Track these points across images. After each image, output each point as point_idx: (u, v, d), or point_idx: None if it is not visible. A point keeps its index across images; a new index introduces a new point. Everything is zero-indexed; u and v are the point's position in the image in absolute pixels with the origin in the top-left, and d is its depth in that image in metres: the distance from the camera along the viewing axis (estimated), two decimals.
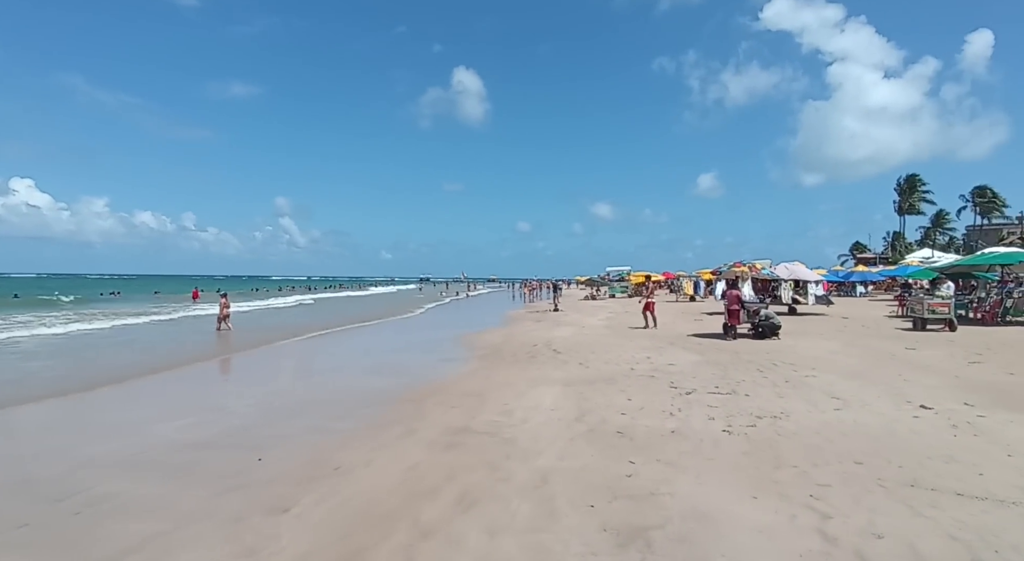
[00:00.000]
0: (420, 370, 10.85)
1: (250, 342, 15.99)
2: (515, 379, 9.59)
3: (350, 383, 9.57)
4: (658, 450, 5.44)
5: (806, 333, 15.81)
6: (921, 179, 73.24)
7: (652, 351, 12.64)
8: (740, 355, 11.72)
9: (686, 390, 8.23)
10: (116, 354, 13.73)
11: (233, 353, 14.37)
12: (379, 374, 10.48)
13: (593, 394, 8.14)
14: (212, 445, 5.95)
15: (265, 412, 7.48)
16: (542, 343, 14.70)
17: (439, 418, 6.93)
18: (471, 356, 12.79)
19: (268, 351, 14.21)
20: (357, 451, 5.62)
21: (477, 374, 10.23)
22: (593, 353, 12.58)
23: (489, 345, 14.72)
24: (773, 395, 7.80)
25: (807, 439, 5.67)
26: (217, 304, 19.22)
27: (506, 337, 16.65)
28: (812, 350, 12.37)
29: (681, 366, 10.48)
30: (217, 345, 15.85)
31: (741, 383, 8.70)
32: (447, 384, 9.30)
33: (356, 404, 7.88)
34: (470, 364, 11.56)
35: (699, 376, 9.41)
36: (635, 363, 10.98)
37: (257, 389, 9.33)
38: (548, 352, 13.01)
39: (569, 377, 9.66)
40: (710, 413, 6.83)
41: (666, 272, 50.64)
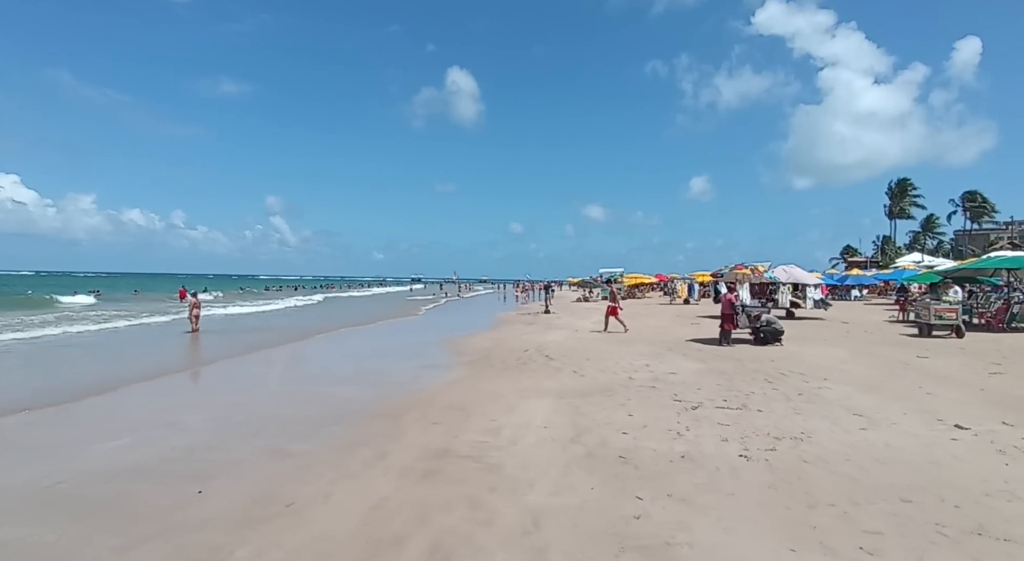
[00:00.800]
0: (401, 379, 10.02)
1: (226, 348, 15.08)
2: (504, 389, 8.78)
3: (323, 394, 8.71)
4: (669, 481, 4.66)
5: (809, 339, 15.14)
6: (912, 183, 73.35)
7: (651, 358, 11.88)
8: (744, 363, 11.00)
9: (692, 404, 7.46)
10: (72, 362, 12.77)
11: (204, 360, 13.46)
12: (356, 383, 9.62)
13: (590, 408, 7.36)
14: (147, 472, 5.09)
15: (220, 430, 6.61)
16: (534, 348, 13.91)
17: (416, 438, 6.11)
18: (457, 362, 11.97)
19: (242, 358, 13.29)
20: (316, 481, 4.78)
21: (463, 383, 9.41)
22: (588, 360, 11.81)
23: (477, 350, 13.91)
24: (788, 410, 7.06)
25: (838, 467, 4.92)
26: (188, 305, 18.26)
27: (496, 341, 15.84)
28: (819, 358, 11.67)
29: (683, 375, 9.73)
30: (189, 351, 14.92)
31: (751, 396, 7.95)
32: (429, 395, 8.47)
33: (325, 420, 7.04)
34: (456, 372, 10.73)
35: (704, 387, 8.66)
36: (633, 371, 10.22)
37: (219, 401, 8.45)
38: (540, 358, 12.22)
39: (563, 387, 8.88)
40: (722, 433, 6.07)
41: (659, 274, 50.09)
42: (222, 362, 12.38)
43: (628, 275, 46.21)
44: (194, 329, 17.61)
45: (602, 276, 47.91)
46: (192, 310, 17.78)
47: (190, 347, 15.20)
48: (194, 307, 17.80)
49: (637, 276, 46.66)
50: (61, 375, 10.75)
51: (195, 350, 14.80)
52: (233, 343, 15.98)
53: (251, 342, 16.00)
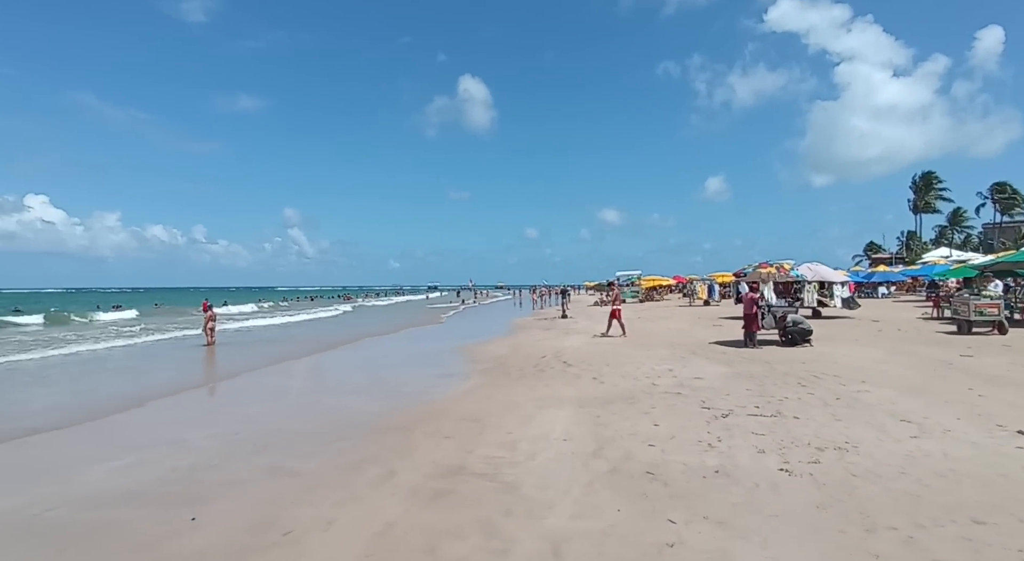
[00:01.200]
0: (415, 388, 9.67)
1: (241, 361, 14.93)
2: (521, 399, 8.38)
3: (333, 407, 8.40)
4: (703, 500, 4.21)
5: (839, 339, 14.46)
6: (937, 176, 71.41)
7: (673, 362, 11.38)
8: (774, 366, 10.44)
9: (721, 412, 6.98)
10: (88, 379, 12.68)
11: (218, 374, 13.30)
12: (369, 394, 9.29)
13: (612, 418, 6.91)
14: (142, 496, 4.78)
15: (225, 447, 6.31)
16: (551, 354, 13.48)
17: (428, 453, 5.73)
18: (473, 370, 11.59)
19: (257, 371, 13.08)
20: (318, 505, 4.43)
21: (478, 393, 9.03)
22: (608, 365, 11.35)
23: (493, 357, 13.52)
24: (827, 417, 6.54)
25: (893, 482, 4.42)
26: (204, 318, 18.17)
27: (512, 347, 15.44)
28: (853, 359, 11.05)
29: (709, 380, 9.22)
30: (204, 366, 14.78)
31: (784, 402, 7.43)
32: (443, 406, 8.10)
33: (334, 434, 6.70)
34: (471, 380, 10.35)
35: (733, 393, 8.15)
36: (656, 377, 9.74)
37: (228, 416, 8.16)
38: (558, 365, 11.78)
39: (582, 395, 8.44)
40: (757, 443, 5.59)
41: (676, 276, 49.24)
42: (235, 376, 12.17)
43: (646, 277, 45.51)
44: (210, 342, 17.52)
45: (619, 279, 47.27)
46: (207, 323, 17.70)
47: (205, 361, 15.06)
48: (209, 320, 17.72)
49: (655, 278, 45.93)
50: (74, 393, 10.63)
51: (209, 364, 14.64)
52: (250, 356, 15.84)
53: (268, 354, 15.82)
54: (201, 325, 18.24)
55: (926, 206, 71.49)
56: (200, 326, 18.63)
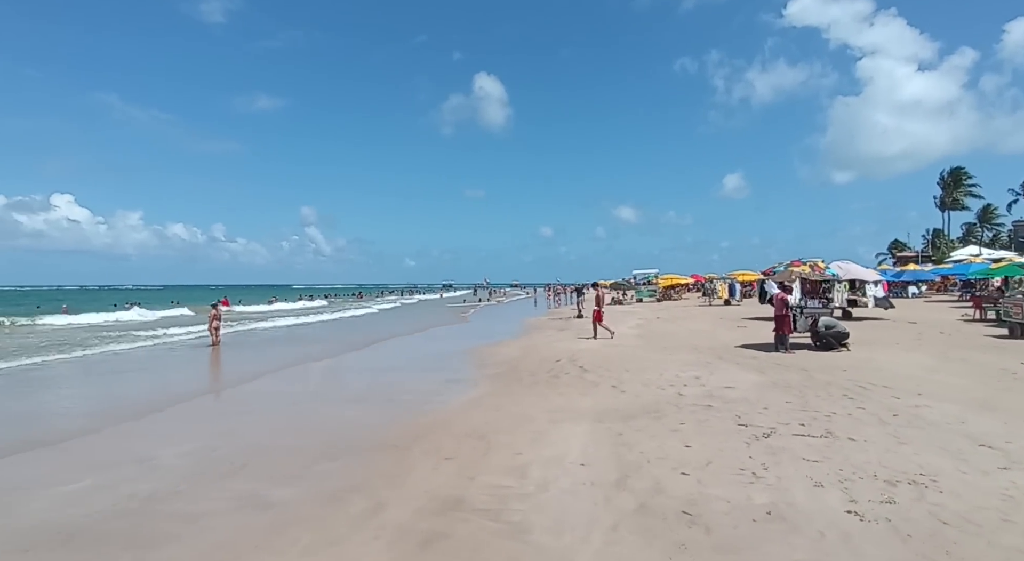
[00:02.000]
0: (419, 397, 8.90)
1: (242, 365, 14.33)
2: (532, 410, 7.56)
3: (327, 418, 7.66)
4: (758, 556, 3.36)
5: (878, 342, 13.41)
6: (967, 172, 68.99)
7: (699, 368, 10.47)
8: (812, 374, 9.48)
9: (762, 430, 6.09)
10: (80, 386, 12.13)
11: (213, 380, 12.70)
12: (368, 404, 8.55)
13: (636, 436, 6.07)
14: (84, 534, 4.06)
15: (196, 468, 5.59)
16: (566, 358, 12.63)
17: (423, 480, 4.94)
18: (482, 376, 10.80)
19: (254, 377, 12.43)
20: (286, 551, 3.66)
21: (486, 402, 8.23)
22: (628, 371, 10.48)
23: (505, 361, 12.72)
24: (889, 439, 5.62)
25: (1000, 535, 3.52)
26: (209, 317, 17.63)
27: (525, 350, 14.63)
28: (900, 366, 10.05)
29: (742, 390, 8.32)
30: (201, 370, 14.19)
31: (833, 418, 6.52)
32: (446, 418, 7.32)
33: (321, 453, 5.95)
34: (480, 387, 9.56)
35: (771, 405, 7.25)
36: (682, 386, 8.86)
37: (210, 429, 7.44)
38: (573, 370, 10.94)
39: (601, 407, 7.60)
40: (812, 473, 4.71)
41: (695, 274, 48.00)
42: (232, 381, 11.55)
43: (663, 276, 44.37)
44: (215, 342, 16.97)
45: (636, 277, 46.19)
46: (212, 322, 17.14)
47: (203, 365, 14.46)
48: (214, 319, 17.16)
49: (673, 277, 44.75)
50: (55, 404, 10.06)
51: (208, 369, 14.04)
52: (254, 359, 15.26)
53: (274, 357, 15.24)
54: (206, 324, 17.68)
55: (954, 203, 69.16)
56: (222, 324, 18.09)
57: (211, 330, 17.12)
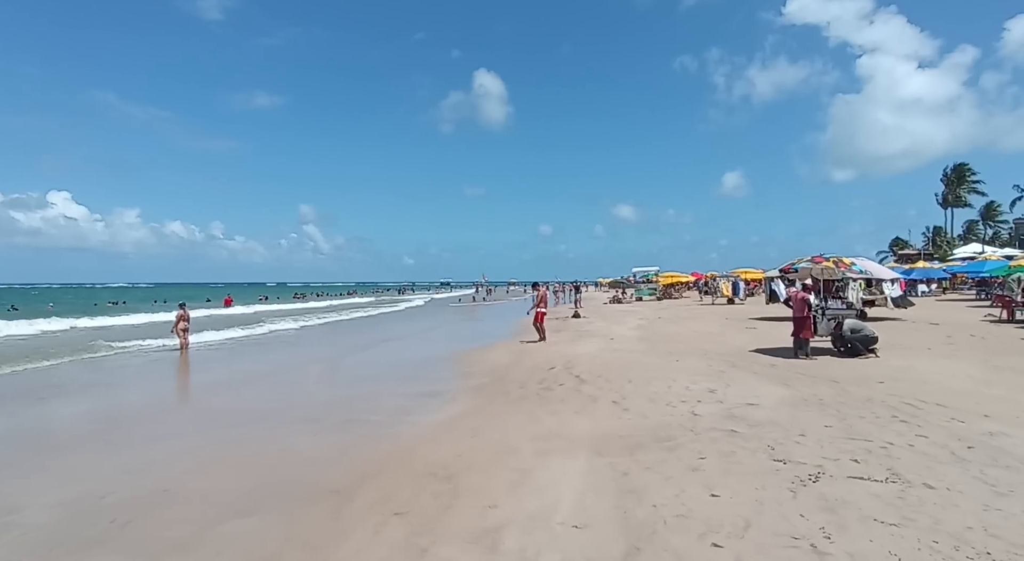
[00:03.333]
0: (384, 415, 7.54)
1: (201, 375, 12.98)
2: (517, 435, 6.21)
3: (263, 446, 6.29)
4: None
5: (907, 347, 12.09)
6: (971, 169, 67.84)
7: (712, 379, 9.13)
8: (845, 387, 8.15)
9: (806, 469, 4.75)
10: None
11: (155, 395, 11.32)
12: (320, 424, 7.16)
13: (646, 478, 4.72)
14: None
15: (57, 530, 4.20)
16: (561, 365, 11.29)
17: (355, 555, 3.59)
18: (463, 388, 9.44)
19: (207, 388, 11.10)
20: None
21: (462, 424, 6.87)
22: (630, 382, 9.14)
23: (492, 368, 11.37)
24: (979, 486, 4.28)
25: None
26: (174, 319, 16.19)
27: (516, 355, 13.27)
28: (944, 377, 8.73)
29: (768, 408, 6.98)
30: (152, 380, 12.82)
31: (891, 451, 5.17)
32: (409, 447, 5.96)
33: (234, 502, 4.58)
34: (458, 403, 8.20)
35: (808, 431, 5.91)
36: (695, 401, 7.52)
37: (111, 463, 5.89)
38: (569, 380, 9.60)
39: (601, 430, 6.26)
40: (895, 548, 3.36)
41: (695, 272, 46.70)
42: (171, 398, 10.19)
43: (664, 274, 43.08)
44: (183, 345, 15.59)
45: (636, 275, 44.90)
46: (179, 323, 15.73)
47: (152, 375, 13.00)
48: (180, 320, 15.74)
49: (673, 275, 43.47)
50: None
51: (156, 378, 12.57)
52: (218, 366, 13.88)
53: (236, 366, 13.87)
54: (172, 326, 16.22)
55: (957, 200, 68.03)
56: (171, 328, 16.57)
57: (177, 332, 15.73)
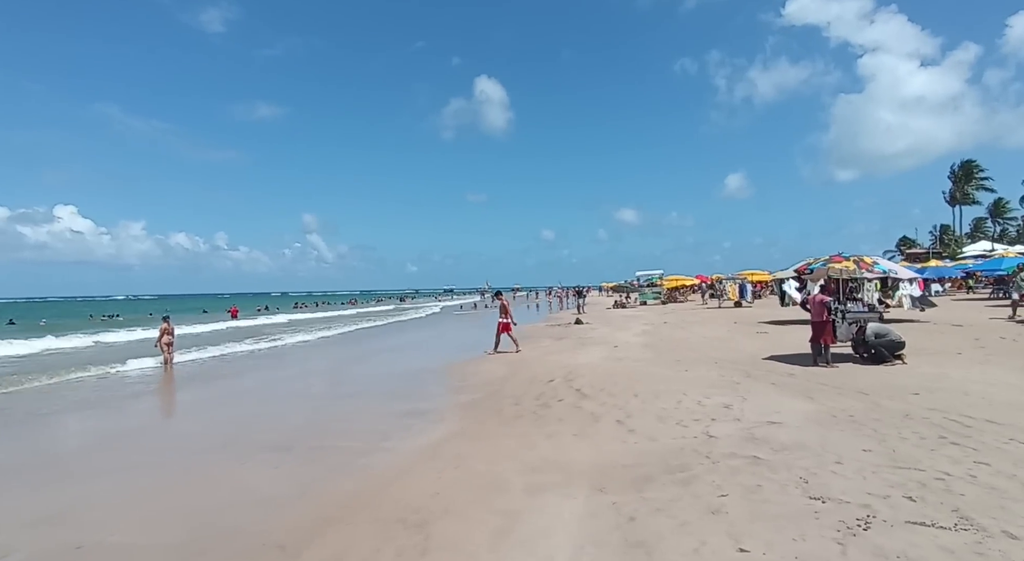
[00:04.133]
0: (360, 440, 6.72)
1: (174, 391, 12.23)
2: (507, 466, 5.39)
3: (214, 484, 5.47)
4: None
5: (933, 352, 11.20)
6: (979, 165, 66.92)
7: (727, 391, 8.29)
8: (877, 400, 7.30)
9: (851, 511, 3.90)
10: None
11: (118, 416, 10.55)
12: (286, 453, 6.33)
13: (657, 524, 3.89)
14: None
15: None
16: (561, 376, 10.46)
17: None
18: (453, 405, 8.62)
19: (176, 403, 10.32)
20: None
21: (445, 452, 6.03)
22: (636, 396, 8.31)
23: (487, 381, 10.55)
24: None
25: None
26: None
27: (513, 366, 12.45)
28: (984, 386, 7.86)
29: (792, 426, 6.14)
30: (123, 400, 12.03)
31: (951, 483, 4.32)
32: (381, 483, 5.14)
33: (162, 558, 3.77)
34: (444, 423, 7.38)
35: (844, 457, 5.07)
36: (709, 420, 6.68)
37: (40, 504, 5.17)
38: (569, 394, 8.78)
39: (604, 458, 5.43)
40: None
41: (699, 275, 45.78)
42: (134, 421, 9.40)
43: (668, 277, 42.21)
44: (166, 360, 14.79)
45: (639, 279, 44.05)
46: (162, 337, 14.92)
47: (128, 395, 12.25)
48: (164, 333, 14.94)
49: (678, 278, 42.58)
50: None
51: (126, 400, 11.78)
52: (193, 385, 13.11)
53: (220, 384, 13.10)
54: (156, 340, 15.38)
55: (965, 197, 66.97)
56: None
57: (161, 346, 14.92)
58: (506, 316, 15.01)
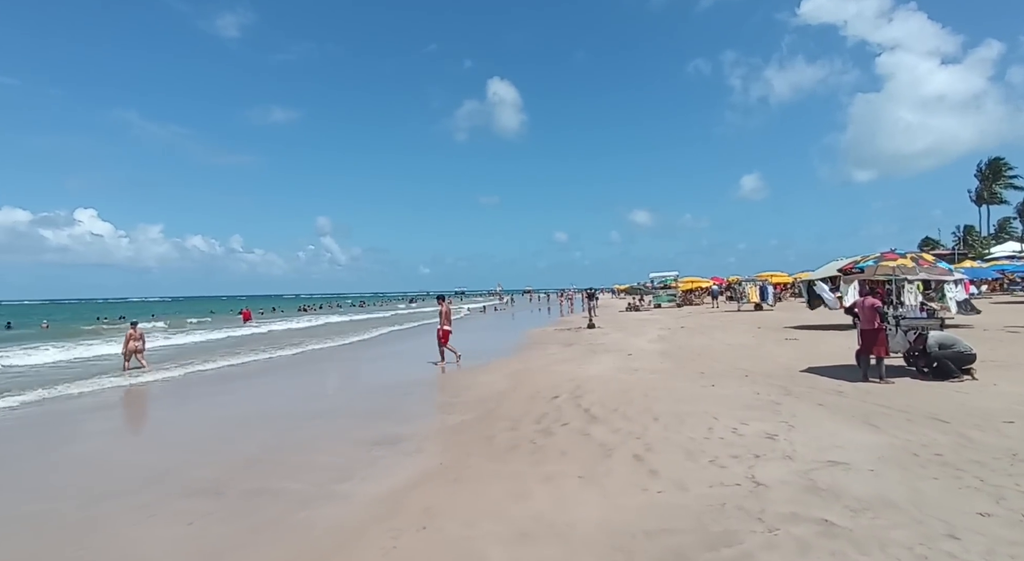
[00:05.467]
0: (306, 482, 5.36)
1: (129, 410, 11.01)
2: (486, 533, 4.00)
3: (96, 547, 4.16)
4: None
5: (1004, 365, 9.63)
6: (1007, 163, 64.35)
7: (765, 414, 6.83)
8: (960, 429, 5.80)
9: None
10: None
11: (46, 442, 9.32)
12: (209, 499, 4.98)
13: None
14: None
15: None
16: (567, 392, 9.06)
17: None
18: (437, 430, 7.24)
19: (108, 437, 9.07)
20: None
21: (411, 505, 4.65)
22: (657, 419, 6.89)
23: (483, 397, 9.17)
24: None
25: None
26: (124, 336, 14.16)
27: (515, 377, 11.07)
28: None
29: (865, 472, 4.68)
30: (52, 427, 10.81)
31: None
32: (331, 549, 3.79)
33: None
34: (420, 457, 6.00)
35: (957, 526, 3.61)
36: (751, 455, 5.25)
37: None
38: (576, 416, 7.37)
39: (616, 520, 4.02)
40: None
41: (715, 277, 44.06)
42: (57, 448, 8.11)
43: (683, 278, 40.55)
44: (126, 367, 13.65)
45: (653, 281, 42.43)
46: (127, 344, 13.79)
47: (72, 417, 11.05)
48: (130, 339, 13.81)
49: (693, 279, 40.92)
50: None
51: (65, 423, 10.62)
52: (151, 405, 11.88)
53: (179, 403, 11.87)
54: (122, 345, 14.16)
55: (992, 196, 64.46)
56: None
57: (126, 354, 13.76)
58: (447, 323, 13.56)
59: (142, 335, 14.03)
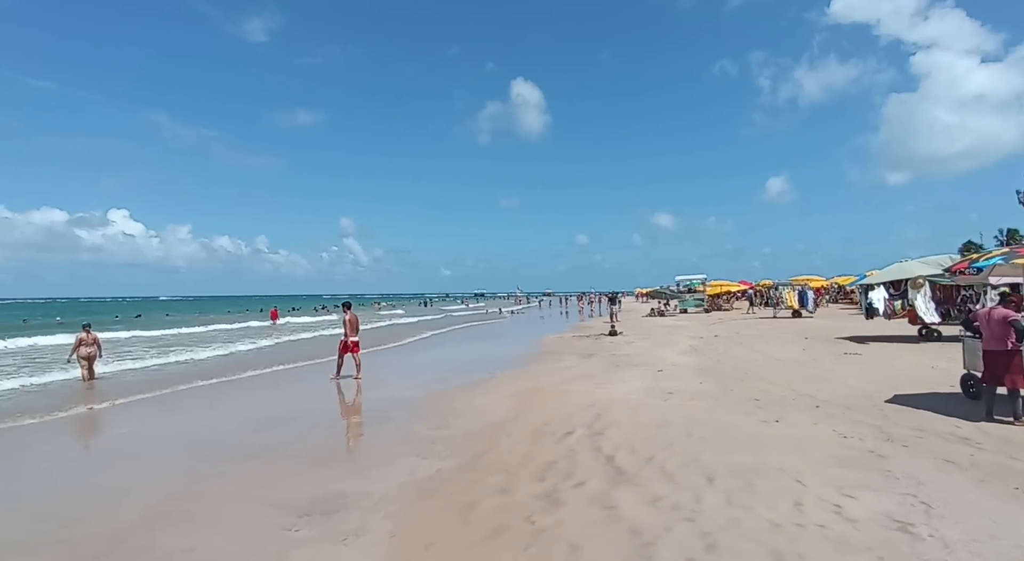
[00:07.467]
0: None
1: (50, 432, 9.24)
2: None
3: None
4: None
5: None
6: None
7: (870, 473, 4.65)
8: None
9: None
10: None
11: None
12: None
13: None
14: None
15: None
16: (584, 426, 6.97)
17: None
18: (401, 483, 5.19)
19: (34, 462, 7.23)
20: None
21: None
22: (712, 481, 4.76)
23: (474, 429, 7.12)
24: None
25: None
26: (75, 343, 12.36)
27: (521, 399, 9.00)
28: None
29: None
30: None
31: None
32: None
33: None
34: (356, 543, 3.97)
35: None
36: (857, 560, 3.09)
37: None
38: (594, 469, 5.28)
39: None
40: None
41: (743, 280, 41.38)
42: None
43: (711, 282, 37.98)
44: (83, 377, 11.95)
45: (679, 284, 39.94)
46: (77, 348, 12.05)
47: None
48: (80, 345, 12.07)
49: (722, 283, 38.33)
50: None
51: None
52: (86, 429, 10.10)
53: (115, 424, 10.07)
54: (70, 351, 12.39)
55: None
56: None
57: (79, 359, 12.04)
58: (353, 333, 11.70)
59: (96, 340, 12.27)
